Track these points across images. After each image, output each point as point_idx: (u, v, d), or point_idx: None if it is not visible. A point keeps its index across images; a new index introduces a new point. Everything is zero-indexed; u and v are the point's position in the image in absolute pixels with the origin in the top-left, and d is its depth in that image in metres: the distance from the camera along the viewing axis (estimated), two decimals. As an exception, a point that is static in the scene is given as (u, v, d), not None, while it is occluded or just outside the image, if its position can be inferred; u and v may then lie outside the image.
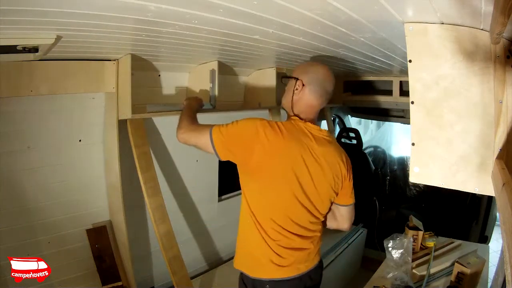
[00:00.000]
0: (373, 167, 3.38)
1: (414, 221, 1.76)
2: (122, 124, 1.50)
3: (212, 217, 2.15)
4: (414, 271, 1.54)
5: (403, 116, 2.99)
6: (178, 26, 0.95)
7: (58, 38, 1.00)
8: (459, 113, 0.90)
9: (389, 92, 2.41)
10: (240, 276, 1.17)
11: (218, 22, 0.92)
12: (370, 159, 3.45)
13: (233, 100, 2.05)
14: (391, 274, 1.46)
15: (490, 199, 2.60)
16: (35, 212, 1.40)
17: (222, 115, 1.84)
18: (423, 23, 0.89)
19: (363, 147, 3.55)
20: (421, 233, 1.71)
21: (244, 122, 1.05)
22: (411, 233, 1.68)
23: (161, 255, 1.53)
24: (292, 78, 1.16)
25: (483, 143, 0.87)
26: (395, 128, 3.84)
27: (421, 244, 1.72)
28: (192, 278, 1.82)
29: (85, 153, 1.53)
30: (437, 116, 0.93)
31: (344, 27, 0.99)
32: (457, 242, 1.79)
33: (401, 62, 1.64)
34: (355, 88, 2.57)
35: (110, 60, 1.44)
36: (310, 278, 1.14)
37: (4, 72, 1.18)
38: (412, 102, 0.96)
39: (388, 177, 3.50)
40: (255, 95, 2.07)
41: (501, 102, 0.84)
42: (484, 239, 2.59)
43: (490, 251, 1.88)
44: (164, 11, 0.81)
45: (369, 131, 4.68)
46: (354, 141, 3.42)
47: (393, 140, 3.84)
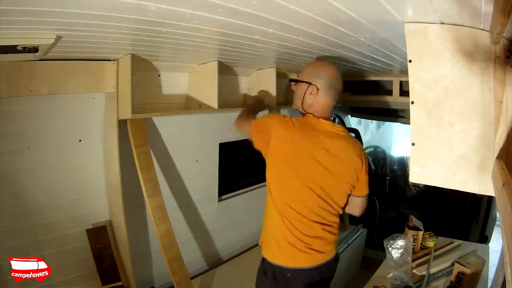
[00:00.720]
0: (373, 167, 3.38)
1: (414, 221, 1.76)
2: (122, 124, 1.50)
3: (212, 217, 2.15)
4: (414, 271, 1.54)
5: (403, 116, 2.99)
6: (178, 26, 0.95)
7: (58, 38, 0.99)
8: (459, 113, 0.90)
9: (389, 92, 2.40)
10: (261, 266, 1.21)
11: (218, 22, 0.92)
12: (370, 159, 3.44)
13: (233, 100, 2.05)
14: (391, 274, 1.46)
15: (490, 199, 2.60)
16: (35, 212, 1.40)
17: (225, 115, 1.88)
18: (423, 23, 0.89)
19: (363, 147, 3.53)
20: (421, 233, 1.71)
21: (268, 115, 1.34)
22: (411, 233, 1.68)
23: (161, 255, 1.53)
24: (304, 83, 1.20)
25: (483, 143, 0.87)
26: (395, 128, 3.84)
27: (421, 244, 1.72)
28: (192, 278, 1.82)
29: (85, 153, 1.53)
30: (437, 116, 0.92)
31: (344, 27, 0.99)
32: (457, 242, 1.79)
33: (401, 62, 1.63)
34: (355, 88, 2.57)
35: (110, 60, 1.44)
36: (328, 270, 1.20)
37: (4, 72, 1.18)
38: (412, 102, 0.96)
39: (388, 177, 3.50)
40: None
41: (501, 102, 0.83)
42: (484, 239, 2.59)
43: (490, 251, 1.87)
44: (164, 11, 0.81)
45: (369, 131, 4.68)
46: None
47: (393, 140, 3.84)
